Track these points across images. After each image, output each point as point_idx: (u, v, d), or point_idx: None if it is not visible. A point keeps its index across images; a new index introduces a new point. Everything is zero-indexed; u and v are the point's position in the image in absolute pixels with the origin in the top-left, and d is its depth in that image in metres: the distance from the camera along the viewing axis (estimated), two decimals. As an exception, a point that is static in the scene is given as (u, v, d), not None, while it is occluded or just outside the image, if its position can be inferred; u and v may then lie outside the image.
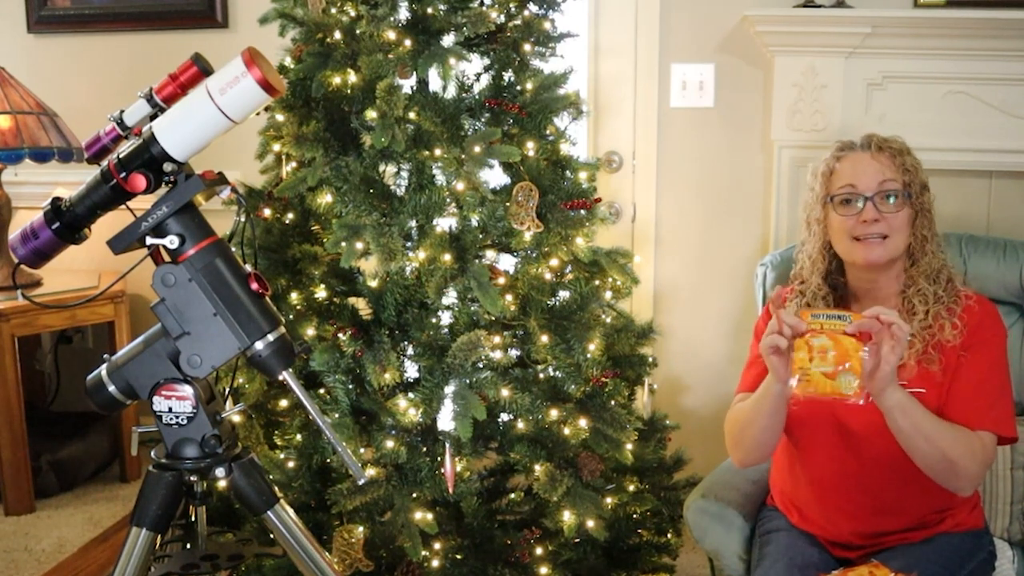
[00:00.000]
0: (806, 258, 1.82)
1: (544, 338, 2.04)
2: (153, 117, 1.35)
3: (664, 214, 2.95)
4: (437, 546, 2.02)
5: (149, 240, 1.34)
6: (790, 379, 1.53)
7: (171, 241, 1.33)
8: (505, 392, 1.98)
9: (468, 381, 1.94)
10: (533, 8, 2.19)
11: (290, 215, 2.20)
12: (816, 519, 1.78)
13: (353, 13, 2.08)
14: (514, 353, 2.11)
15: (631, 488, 2.24)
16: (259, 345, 1.34)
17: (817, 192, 1.77)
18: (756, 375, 1.76)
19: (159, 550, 1.45)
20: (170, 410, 1.35)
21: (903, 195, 1.69)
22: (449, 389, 1.96)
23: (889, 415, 1.54)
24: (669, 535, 2.33)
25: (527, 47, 2.13)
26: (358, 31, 2.05)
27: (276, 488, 1.44)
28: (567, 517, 2.00)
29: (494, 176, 2.08)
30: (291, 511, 1.44)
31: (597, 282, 2.18)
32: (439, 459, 2.00)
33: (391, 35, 2.00)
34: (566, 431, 2.03)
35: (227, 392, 1.53)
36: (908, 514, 1.71)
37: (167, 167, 1.32)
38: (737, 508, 1.92)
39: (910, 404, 1.54)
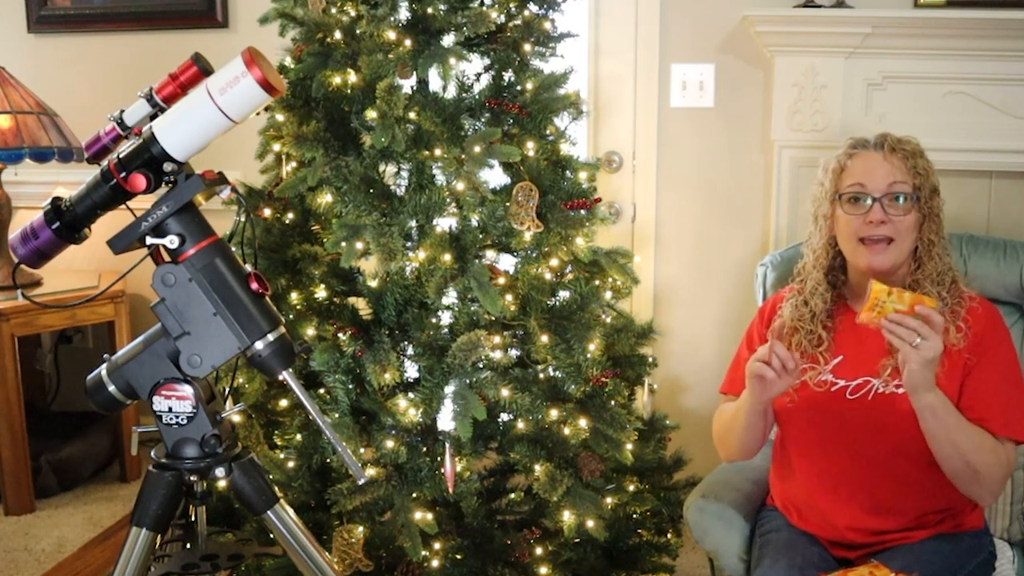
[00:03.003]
0: (810, 252, 1.82)
1: (544, 338, 2.04)
2: (153, 117, 1.35)
3: (664, 214, 2.95)
4: (437, 546, 2.02)
5: (149, 240, 1.34)
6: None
7: (171, 241, 1.33)
8: (505, 392, 1.98)
9: (468, 381, 1.94)
10: (533, 8, 2.19)
11: (290, 215, 2.20)
12: (814, 518, 1.78)
13: (353, 13, 2.08)
14: (514, 353, 2.11)
15: (631, 488, 2.24)
16: (259, 345, 1.34)
17: (826, 188, 1.76)
18: (740, 378, 1.77)
19: (159, 550, 1.45)
20: (170, 410, 1.35)
21: (912, 198, 1.68)
22: (449, 389, 1.96)
23: (920, 415, 1.57)
24: (669, 535, 2.33)
25: (527, 47, 2.13)
26: (358, 31, 2.05)
27: (276, 488, 1.44)
28: (567, 517, 2.00)
29: (494, 176, 2.08)
30: (291, 511, 1.44)
31: (597, 282, 2.18)
32: (439, 459, 2.00)
33: (391, 35, 2.00)
34: (566, 431, 2.03)
35: (227, 392, 1.53)
36: (906, 513, 1.71)
37: (167, 167, 1.32)
38: (737, 508, 1.92)
39: (942, 408, 1.56)
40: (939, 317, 1.50)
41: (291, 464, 2.03)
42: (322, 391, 2.04)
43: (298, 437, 2.07)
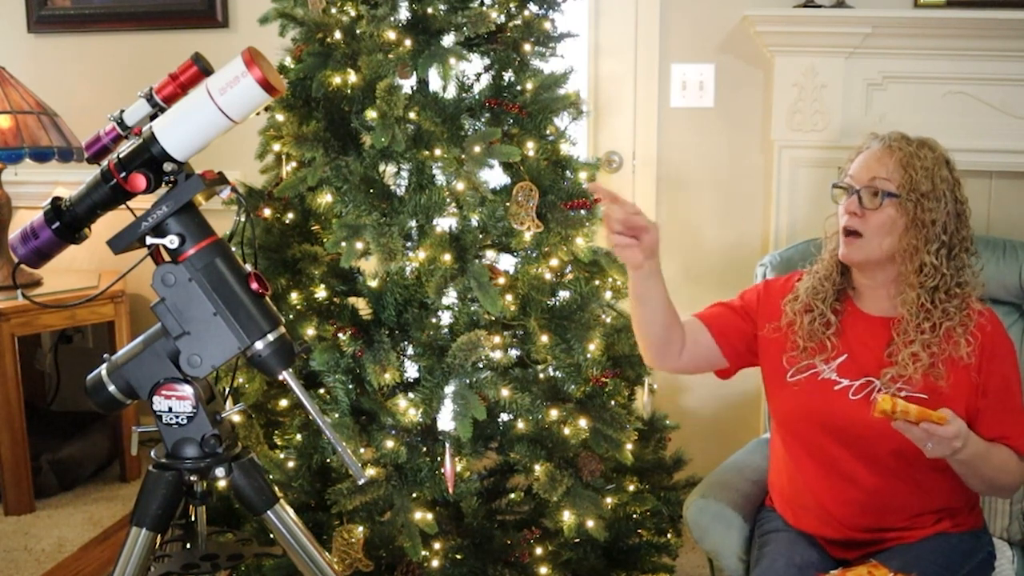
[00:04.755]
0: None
1: (544, 338, 2.04)
2: (153, 117, 1.35)
3: (664, 214, 2.95)
4: (437, 546, 2.02)
5: (149, 240, 1.34)
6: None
7: (171, 241, 1.33)
8: (505, 392, 1.98)
9: (468, 381, 1.94)
10: (533, 8, 2.19)
11: (290, 215, 2.20)
12: (813, 518, 1.78)
13: (353, 13, 2.08)
14: (514, 353, 2.11)
15: (631, 488, 2.24)
16: (259, 345, 1.34)
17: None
18: (707, 311, 1.86)
19: (159, 550, 1.45)
20: (170, 410, 1.35)
21: (888, 196, 1.66)
22: (449, 389, 1.96)
23: (951, 464, 1.60)
24: (669, 535, 2.33)
25: (527, 47, 2.13)
26: (358, 31, 2.05)
27: (276, 488, 1.44)
28: (567, 517, 2.00)
29: (494, 176, 2.08)
30: (291, 511, 1.44)
31: (597, 282, 2.18)
32: (439, 459, 2.00)
33: (391, 35, 2.00)
34: (566, 431, 2.03)
35: (227, 392, 1.53)
36: (905, 513, 1.71)
37: (167, 167, 1.32)
38: (736, 508, 1.92)
39: (970, 458, 1.57)
40: (946, 430, 1.47)
41: (291, 464, 2.03)
42: (322, 391, 2.04)
43: (298, 437, 2.07)
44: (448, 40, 2.03)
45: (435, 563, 2.00)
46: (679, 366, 1.81)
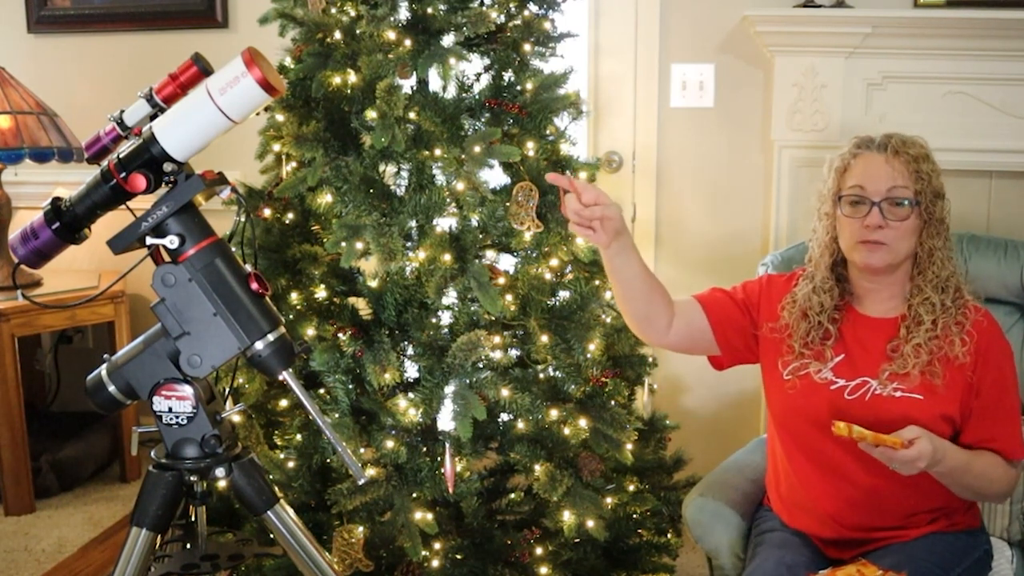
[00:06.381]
0: (816, 247, 1.81)
1: (544, 338, 2.04)
2: (153, 117, 1.35)
3: (664, 214, 2.95)
4: (437, 546, 2.02)
5: (149, 240, 1.34)
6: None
7: (171, 241, 1.33)
8: (505, 392, 1.98)
9: (468, 381, 1.94)
10: (533, 8, 2.19)
11: (290, 215, 2.20)
12: (808, 517, 1.78)
13: (353, 13, 2.08)
14: (514, 353, 2.11)
15: (631, 488, 2.24)
16: (259, 345, 1.34)
17: (829, 186, 1.75)
18: (708, 295, 1.86)
19: (159, 550, 1.45)
20: (170, 410, 1.36)
21: (911, 203, 1.66)
22: (449, 389, 1.96)
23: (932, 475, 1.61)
24: (669, 535, 2.33)
25: (527, 47, 2.13)
26: (358, 31, 2.05)
27: (276, 488, 1.44)
28: (567, 517, 2.00)
29: (494, 176, 2.08)
30: (291, 511, 1.44)
31: (597, 282, 2.18)
32: (439, 459, 2.00)
33: (391, 35, 2.00)
34: (566, 431, 2.03)
35: (227, 392, 1.53)
36: (900, 511, 1.71)
37: (167, 167, 1.32)
38: (735, 507, 1.92)
39: (949, 469, 1.58)
40: (904, 454, 1.50)
41: (291, 464, 2.03)
42: (322, 391, 2.04)
43: (298, 437, 2.07)
44: (448, 40, 2.03)
45: (435, 563, 2.00)
46: (668, 342, 1.82)
